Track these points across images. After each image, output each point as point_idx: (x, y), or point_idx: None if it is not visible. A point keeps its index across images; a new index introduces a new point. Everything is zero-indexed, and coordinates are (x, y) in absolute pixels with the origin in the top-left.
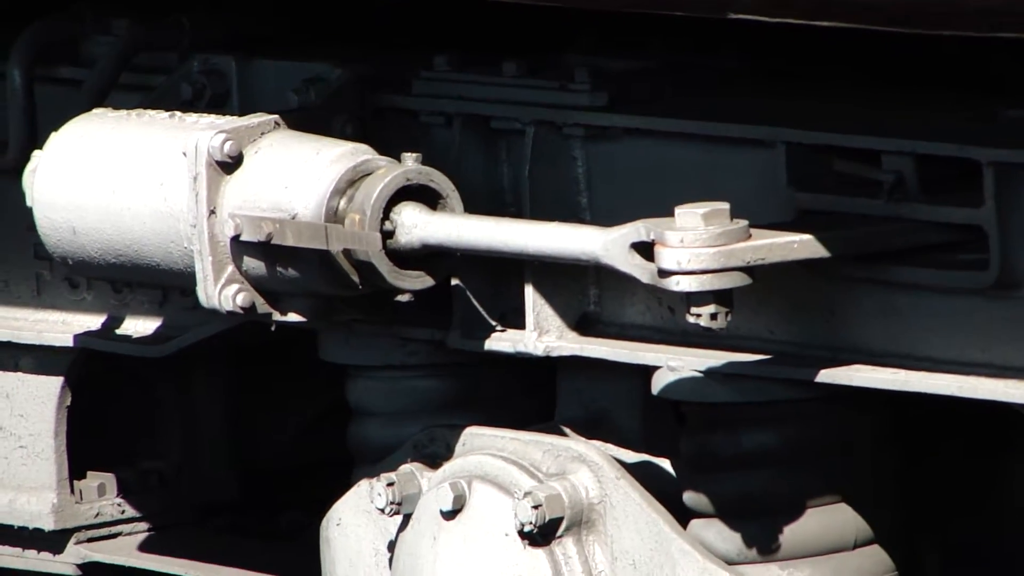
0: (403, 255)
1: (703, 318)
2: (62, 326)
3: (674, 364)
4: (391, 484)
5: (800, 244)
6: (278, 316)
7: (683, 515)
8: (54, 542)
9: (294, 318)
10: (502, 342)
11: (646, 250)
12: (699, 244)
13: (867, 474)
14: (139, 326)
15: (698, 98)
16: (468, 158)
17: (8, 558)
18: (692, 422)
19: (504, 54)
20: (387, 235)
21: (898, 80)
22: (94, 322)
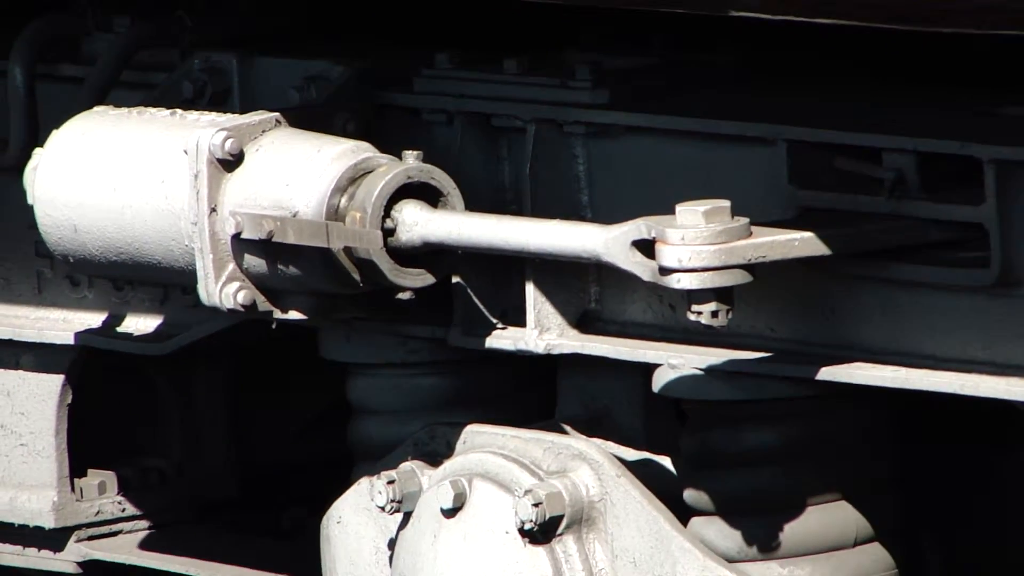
0: (404, 253)
1: (704, 316)
2: (63, 324)
3: (675, 362)
4: (391, 482)
5: (801, 242)
6: (279, 314)
7: (684, 513)
8: (55, 540)
9: (295, 316)
10: (503, 340)
11: (647, 248)
12: (700, 242)
13: (867, 472)
14: (140, 324)
15: (699, 95)
16: (469, 156)
17: (9, 556)
18: (693, 420)
19: (505, 52)
20: (388, 233)
21: (899, 77)
22: (95, 320)
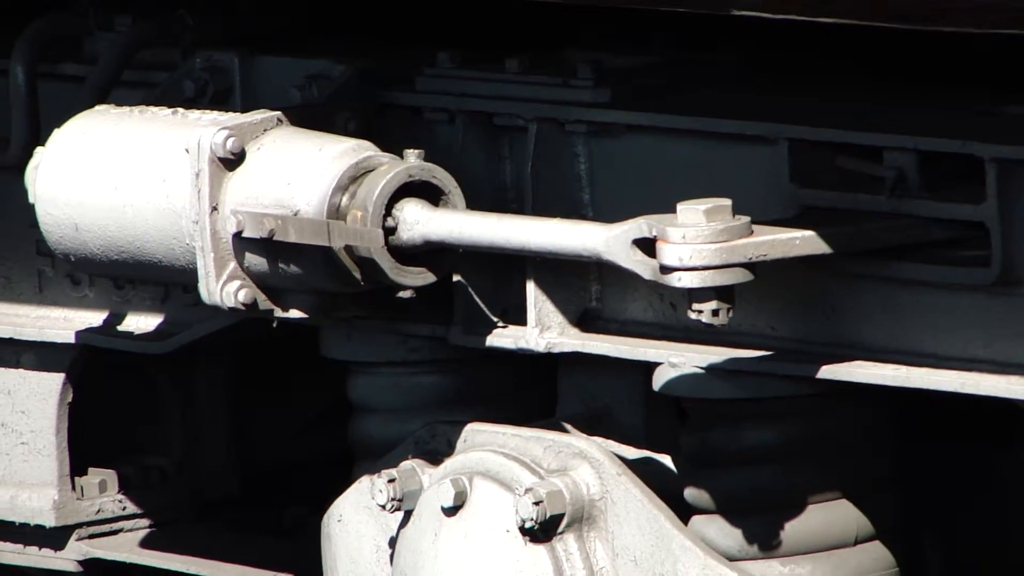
0: (405, 251)
1: (705, 314)
2: (64, 323)
3: (675, 360)
4: (392, 480)
5: (802, 240)
6: (280, 312)
7: (684, 511)
8: (55, 538)
9: (296, 314)
10: (503, 338)
11: (648, 246)
12: (701, 240)
13: (868, 470)
14: (141, 322)
15: (700, 94)
16: (471, 155)
17: (9, 555)
18: (693, 418)
19: (507, 51)
20: (389, 231)
21: (900, 76)
22: (96, 319)
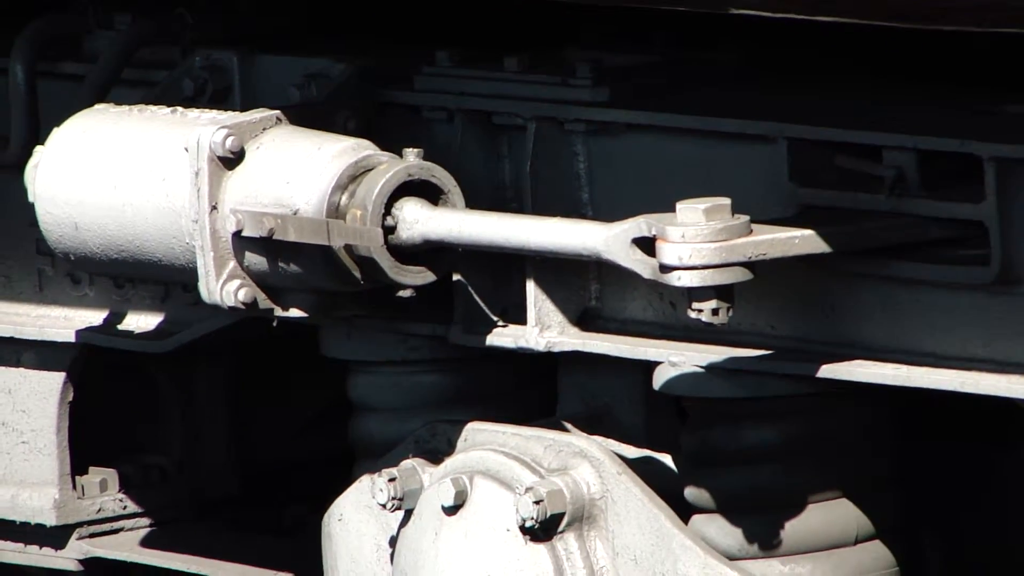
0: (404, 250)
1: (704, 313)
2: (64, 322)
3: (675, 359)
4: (392, 480)
5: (801, 239)
6: (279, 312)
7: (685, 510)
8: (56, 538)
9: (295, 314)
10: (503, 337)
11: (647, 245)
12: (700, 239)
13: (868, 469)
14: (141, 322)
15: (700, 93)
16: (470, 153)
17: (10, 554)
18: (693, 417)
19: (506, 50)
20: (389, 230)
21: (899, 75)
22: (96, 318)
